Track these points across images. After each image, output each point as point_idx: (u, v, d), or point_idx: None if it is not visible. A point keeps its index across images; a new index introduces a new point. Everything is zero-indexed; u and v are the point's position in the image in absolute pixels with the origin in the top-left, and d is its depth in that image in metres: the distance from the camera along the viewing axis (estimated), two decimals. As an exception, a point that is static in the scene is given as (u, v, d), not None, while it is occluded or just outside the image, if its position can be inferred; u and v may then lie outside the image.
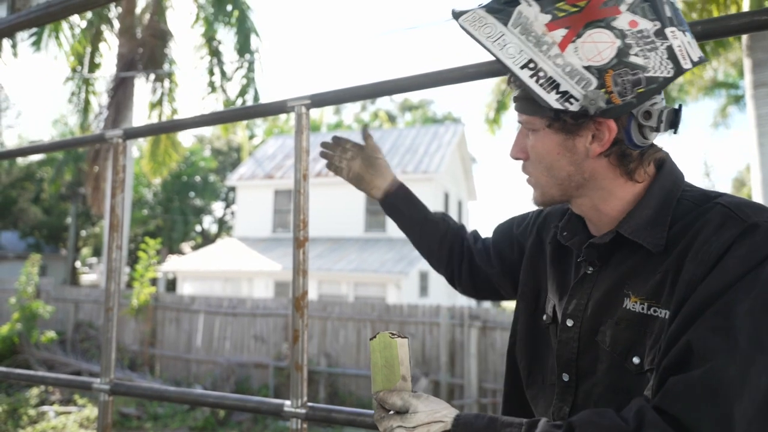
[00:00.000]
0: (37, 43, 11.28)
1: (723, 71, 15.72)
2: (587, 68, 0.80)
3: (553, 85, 0.81)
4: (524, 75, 0.83)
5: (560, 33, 0.81)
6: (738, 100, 16.53)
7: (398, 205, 1.40)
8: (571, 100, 0.82)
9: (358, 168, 1.41)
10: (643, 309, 0.85)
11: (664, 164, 0.93)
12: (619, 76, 0.80)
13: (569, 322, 0.95)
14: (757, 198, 6.62)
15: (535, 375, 1.06)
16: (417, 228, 1.41)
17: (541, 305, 1.08)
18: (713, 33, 0.97)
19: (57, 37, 11.51)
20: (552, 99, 0.82)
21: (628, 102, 0.81)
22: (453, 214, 17.68)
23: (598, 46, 0.80)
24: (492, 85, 12.85)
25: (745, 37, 6.85)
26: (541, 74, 0.82)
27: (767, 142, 6.62)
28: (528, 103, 0.89)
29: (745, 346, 0.71)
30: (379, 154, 1.40)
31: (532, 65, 0.82)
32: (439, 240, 1.38)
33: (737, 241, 0.77)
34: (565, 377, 0.95)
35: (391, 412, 0.86)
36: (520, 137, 0.95)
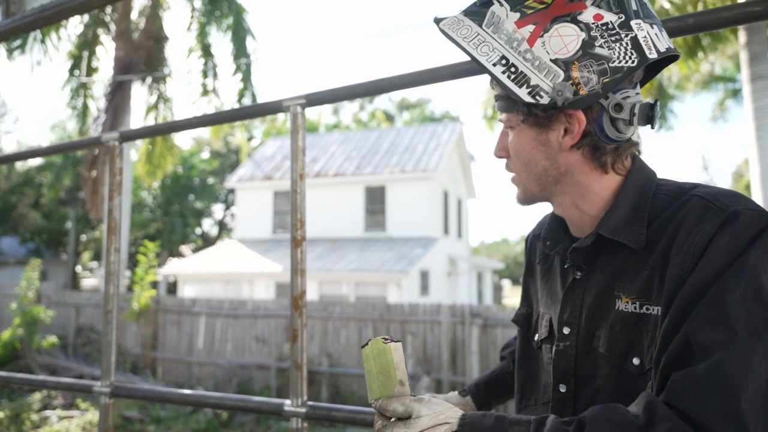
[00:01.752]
0: (22, 47, 11.28)
1: (720, 65, 15.72)
2: (554, 61, 0.83)
3: (523, 79, 0.84)
4: (497, 71, 0.85)
5: (528, 29, 0.84)
6: (736, 93, 16.53)
7: (489, 403, 1.30)
8: (541, 93, 0.84)
9: None
10: (635, 308, 0.84)
11: (634, 162, 0.94)
12: (584, 67, 0.82)
13: (566, 330, 0.94)
14: (756, 190, 6.63)
15: (528, 396, 1.06)
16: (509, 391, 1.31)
17: (533, 326, 1.08)
18: (706, 25, 0.97)
19: (43, 42, 11.50)
20: (523, 93, 0.84)
21: (595, 92, 0.83)
22: (452, 213, 17.69)
23: (564, 39, 0.83)
24: (489, 82, 12.85)
25: (741, 31, 6.85)
26: (512, 70, 0.84)
27: (765, 134, 6.62)
28: (505, 100, 0.92)
29: (744, 336, 0.71)
30: None
31: (504, 62, 0.85)
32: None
33: (719, 230, 0.78)
34: (562, 388, 0.93)
35: (393, 419, 0.83)
36: (503, 136, 0.98)
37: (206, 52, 12.52)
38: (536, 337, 1.05)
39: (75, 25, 12.46)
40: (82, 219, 25.47)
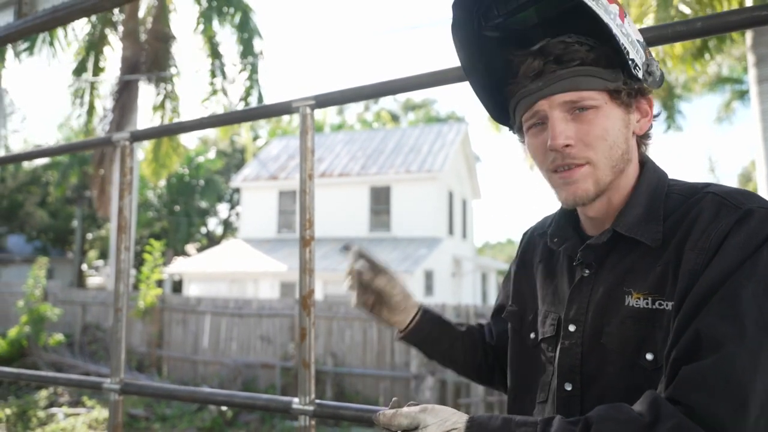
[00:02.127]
0: (30, 49, 11.36)
1: (727, 66, 15.66)
2: (638, 41, 0.85)
3: (626, 51, 0.83)
4: (619, 32, 0.82)
5: (616, 7, 0.84)
6: (742, 95, 16.45)
7: (418, 345, 1.24)
8: (637, 68, 0.84)
9: (372, 302, 1.20)
10: (648, 304, 0.84)
11: (646, 163, 0.94)
12: (651, 55, 0.85)
13: (571, 327, 0.93)
14: (763, 192, 6.60)
15: (522, 395, 1.04)
16: (442, 357, 1.26)
17: (526, 324, 1.06)
18: (714, 29, 0.98)
19: (51, 44, 11.59)
20: (630, 63, 0.84)
21: (662, 79, 0.86)
22: (457, 213, 17.68)
23: (635, 25, 0.86)
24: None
25: (748, 33, 6.83)
26: (617, 39, 0.83)
27: (772, 136, 6.59)
28: (587, 78, 0.85)
29: (753, 331, 0.72)
30: (388, 287, 1.17)
31: (611, 28, 0.82)
32: (465, 360, 1.25)
33: (734, 228, 0.78)
34: (568, 387, 0.92)
35: None
36: (562, 123, 0.87)
37: (214, 52, 12.57)
38: (532, 336, 1.04)
39: (82, 25, 12.53)
40: (89, 217, 25.57)
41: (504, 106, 0.98)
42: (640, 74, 0.85)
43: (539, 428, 0.77)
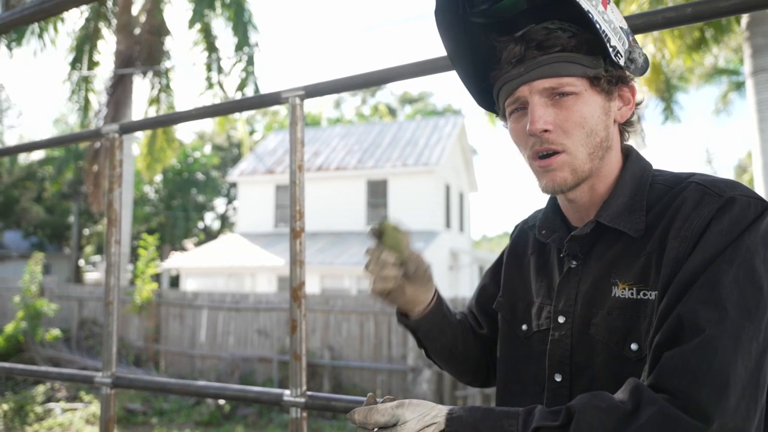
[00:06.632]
0: (18, 40, 11.32)
1: (724, 57, 15.62)
2: (621, 29, 0.85)
3: (606, 37, 0.83)
4: (600, 19, 0.82)
5: None
6: (739, 86, 16.43)
7: (430, 331, 1.12)
8: (619, 55, 0.85)
9: (393, 285, 1.03)
10: (632, 294, 0.85)
11: (630, 153, 0.94)
12: (635, 41, 0.85)
13: (561, 319, 0.93)
14: (759, 184, 6.61)
15: (512, 386, 1.03)
16: (442, 350, 1.16)
17: (517, 316, 1.05)
18: (704, 15, 0.97)
19: (40, 36, 11.54)
20: (611, 50, 0.84)
21: (646, 66, 0.86)
22: (454, 207, 17.68)
23: (619, 12, 0.86)
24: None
25: (744, 22, 6.82)
26: (598, 25, 0.83)
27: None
28: (567, 64, 0.85)
29: (735, 315, 0.72)
30: (414, 255, 1.03)
31: (590, 15, 0.81)
32: (464, 351, 1.17)
33: (717, 215, 0.79)
34: (558, 378, 0.92)
35: (376, 431, 0.79)
36: (541, 108, 0.86)
37: (210, 45, 12.51)
38: (524, 327, 1.03)
39: (76, 19, 12.46)
40: (85, 213, 25.51)
41: (489, 92, 0.98)
42: (621, 61, 0.85)
43: (521, 419, 0.76)
